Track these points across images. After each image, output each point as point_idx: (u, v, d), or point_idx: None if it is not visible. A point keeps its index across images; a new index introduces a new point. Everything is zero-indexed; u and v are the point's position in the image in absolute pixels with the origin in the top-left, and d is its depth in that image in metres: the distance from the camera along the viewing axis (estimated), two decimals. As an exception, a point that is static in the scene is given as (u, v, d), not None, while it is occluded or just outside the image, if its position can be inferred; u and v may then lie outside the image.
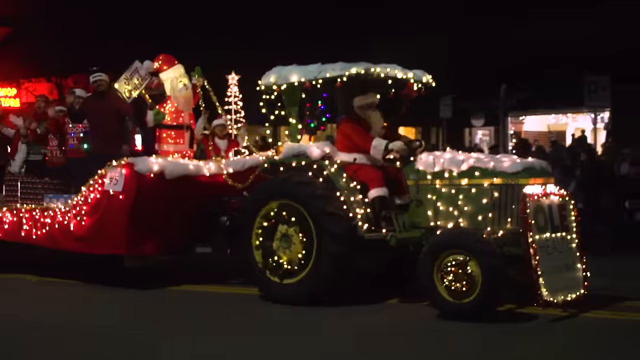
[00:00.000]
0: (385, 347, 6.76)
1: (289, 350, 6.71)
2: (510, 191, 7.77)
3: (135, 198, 9.32)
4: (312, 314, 8.07)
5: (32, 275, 10.81)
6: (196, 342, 7.00)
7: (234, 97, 11.71)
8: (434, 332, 7.26)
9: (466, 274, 7.35)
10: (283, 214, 8.55)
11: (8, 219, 11.01)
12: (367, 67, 8.48)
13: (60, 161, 11.46)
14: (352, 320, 7.87)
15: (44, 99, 12.44)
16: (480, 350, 6.62)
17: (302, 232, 8.41)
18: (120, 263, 10.35)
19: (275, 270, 8.59)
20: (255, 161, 10.53)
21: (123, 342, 7.01)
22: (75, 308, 8.79)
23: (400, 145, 8.49)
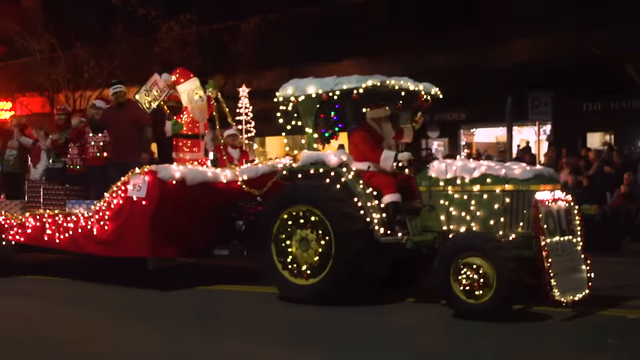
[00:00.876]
0: (404, 346, 6.57)
1: (314, 348, 6.49)
2: (521, 197, 7.59)
3: (157, 204, 9.08)
4: (332, 313, 7.85)
5: (59, 277, 10.53)
6: (222, 340, 6.81)
7: (245, 108, 11.48)
8: (452, 330, 7.07)
9: (481, 275, 7.16)
10: (301, 218, 8.33)
11: (31, 224, 10.71)
12: (382, 79, 8.30)
13: (80, 169, 11.15)
14: (371, 318, 7.68)
15: (64, 112, 12.11)
16: (499, 349, 6.42)
17: (319, 236, 8.19)
18: (139, 266, 10.05)
19: (295, 272, 8.37)
20: (267, 168, 10.39)
21: (152, 341, 6.75)
22: (105, 309, 8.55)
23: (408, 156, 8.33)
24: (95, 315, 8.24)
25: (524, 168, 7.77)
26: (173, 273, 10.14)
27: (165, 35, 21.48)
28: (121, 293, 9.34)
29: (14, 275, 10.86)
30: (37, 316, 8.21)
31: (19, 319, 8.01)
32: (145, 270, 9.42)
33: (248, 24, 21.14)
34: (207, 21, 21.21)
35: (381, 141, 8.72)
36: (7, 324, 7.78)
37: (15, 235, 10.88)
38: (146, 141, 10.36)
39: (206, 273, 10.47)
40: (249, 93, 11.96)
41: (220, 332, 7.22)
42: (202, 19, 20.96)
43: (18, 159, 12.59)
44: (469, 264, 7.22)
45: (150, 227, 9.07)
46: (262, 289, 9.09)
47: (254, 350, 6.50)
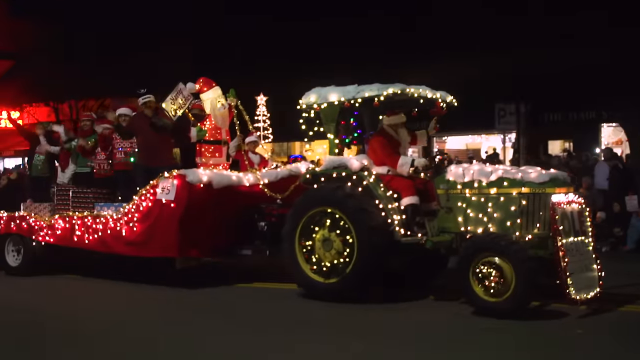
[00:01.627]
0: (426, 341, 6.43)
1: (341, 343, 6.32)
2: (537, 199, 7.45)
3: (185, 206, 8.91)
4: (355, 310, 7.69)
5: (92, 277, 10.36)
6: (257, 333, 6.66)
7: (263, 115, 11.40)
8: (473, 327, 6.89)
9: (501, 274, 7.01)
10: (325, 219, 8.18)
11: (60, 226, 10.54)
12: (402, 87, 8.16)
13: (107, 173, 10.98)
14: (394, 316, 7.51)
15: (89, 118, 11.94)
16: (518, 346, 6.27)
17: (342, 236, 8.04)
18: (163, 265, 9.88)
19: (318, 271, 8.21)
20: (286, 172, 10.26)
21: (186, 338, 6.58)
22: (136, 305, 8.40)
23: (424, 162, 8.22)
24: (140, 312, 8.09)
25: (540, 172, 7.62)
26: (200, 272, 9.98)
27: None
28: (155, 292, 9.16)
29: (43, 274, 10.70)
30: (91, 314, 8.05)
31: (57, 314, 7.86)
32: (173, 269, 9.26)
33: None
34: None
35: (398, 146, 8.60)
36: (42, 317, 7.65)
37: (45, 236, 10.71)
38: (158, 120, 10.15)
39: (227, 271, 10.33)
40: (266, 101, 11.98)
41: (256, 326, 7.10)
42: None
43: (46, 163, 12.39)
44: (488, 263, 7.08)
45: (178, 228, 8.91)
46: (285, 286, 8.93)
47: (291, 341, 6.37)
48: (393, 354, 6.05)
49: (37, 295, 9.39)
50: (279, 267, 8.98)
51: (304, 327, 7.09)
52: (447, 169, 8.14)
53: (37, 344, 6.59)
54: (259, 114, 11.34)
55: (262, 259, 9.75)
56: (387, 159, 8.35)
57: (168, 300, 8.60)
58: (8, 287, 10.22)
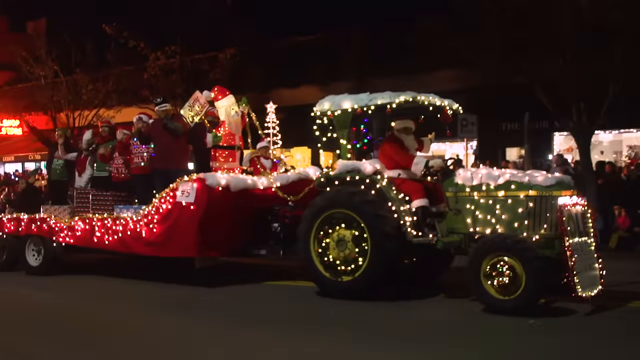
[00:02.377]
0: (438, 338, 6.27)
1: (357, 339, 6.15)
2: (544, 202, 7.31)
3: (205, 208, 8.72)
4: (368, 308, 7.51)
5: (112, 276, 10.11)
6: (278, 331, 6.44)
7: (272, 122, 11.30)
8: (484, 324, 6.74)
9: (511, 273, 6.87)
10: (339, 221, 8.01)
11: (80, 227, 10.32)
12: (413, 95, 8.02)
13: (125, 177, 10.75)
14: (406, 313, 7.36)
15: (108, 124, 11.71)
16: (533, 341, 6.11)
17: (356, 237, 7.88)
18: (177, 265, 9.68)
19: (332, 270, 8.04)
20: (296, 176, 10.11)
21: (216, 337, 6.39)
22: (160, 304, 8.15)
23: (440, 163, 8.05)
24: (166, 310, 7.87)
25: (546, 175, 7.50)
26: (217, 271, 9.78)
27: (153, 64, 22.15)
28: (177, 290, 8.96)
29: (63, 274, 10.47)
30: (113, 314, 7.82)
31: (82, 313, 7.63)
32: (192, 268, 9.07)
33: (224, 54, 21.93)
34: (189, 52, 22.16)
35: (407, 151, 8.45)
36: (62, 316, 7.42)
37: (66, 237, 10.49)
38: (172, 123, 9.96)
39: (243, 270, 10.14)
40: (275, 109, 11.94)
41: (272, 322, 6.91)
42: (184, 50, 21.91)
43: (64, 168, 12.15)
44: (499, 262, 6.94)
45: (197, 229, 8.73)
46: (300, 284, 8.78)
47: (304, 336, 6.18)
48: (409, 351, 5.86)
49: (59, 294, 9.17)
50: (292, 266, 8.80)
51: (317, 324, 6.91)
52: (456, 173, 8.00)
53: (58, 340, 6.39)
54: (269, 121, 11.19)
55: (275, 259, 9.55)
56: (402, 159, 8.20)
57: (186, 299, 8.40)
58: (31, 286, 9.98)
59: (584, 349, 5.81)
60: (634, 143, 19.09)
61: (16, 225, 11.33)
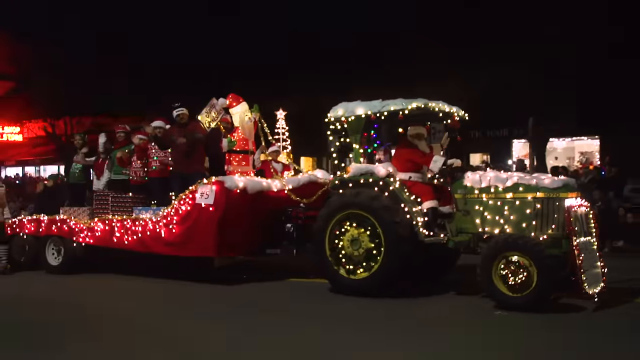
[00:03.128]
0: (456, 329, 6.11)
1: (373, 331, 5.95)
2: (552, 203, 7.16)
3: (224, 209, 8.49)
4: (383, 304, 7.32)
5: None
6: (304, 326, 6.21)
7: (282, 128, 11.15)
8: (494, 320, 6.57)
9: (523, 271, 6.70)
10: (353, 221, 7.82)
11: (100, 228, 10.03)
12: (425, 102, 7.84)
13: (143, 180, 10.48)
14: (418, 310, 7.14)
15: (124, 130, 11.42)
16: (544, 336, 5.94)
17: (370, 236, 7.69)
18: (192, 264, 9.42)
19: (346, 268, 7.84)
20: (307, 178, 9.92)
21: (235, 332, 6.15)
22: (174, 302, 7.89)
23: (459, 162, 7.91)
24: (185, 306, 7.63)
25: (552, 178, 7.34)
26: (235, 269, 9.54)
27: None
28: (188, 288, 8.72)
29: (84, 273, 10.17)
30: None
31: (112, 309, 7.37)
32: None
33: None
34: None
35: (421, 155, 8.26)
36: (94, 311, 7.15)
37: (85, 237, 10.20)
38: (191, 137, 9.70)
39: (258, 269, 9.90)
40: (285, 116, 11.82)
41: (289, 318, 6.68)
42: None
43: (82, 172, 11.85)
44: (511, 261, 6.78)
45: (216, 230, 8.49)
46: (314, 281, 8.56)
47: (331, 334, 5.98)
48: (427, 344, 5.69)
49: (81, 292, 8.88)
50: (305, 265, 8.58)
51: (333, 319, 6.70)
52: (465, 176, 7.83)
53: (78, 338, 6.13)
54: (279, 127, 11.03)
55: (289, 258, 9.31)
56: (421, 159, 8.03)
57: (209, 296, 8.16)
58: (54, 285, 9.68)
59: (594, 345, 5.66)
60: (585, 150, 19.52)
61: (36, 226, 11.01)
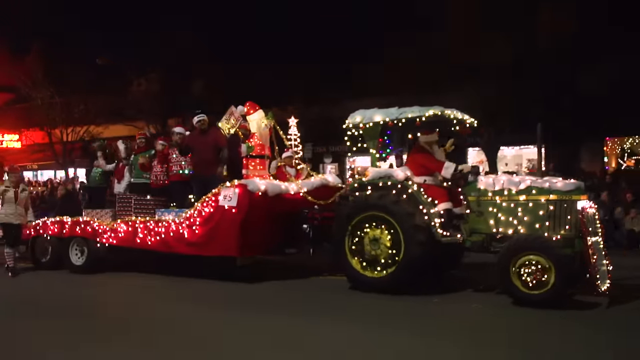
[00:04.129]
0: (479, 326, 5.76)
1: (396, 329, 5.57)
2: (564, 205, 6.86)
3: (246, 211, 8.06)
4: (403, 302, 6.94)
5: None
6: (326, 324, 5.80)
7: (294, 135, 10.80)
8: (517, 317, 6.23)
9: (541, 270, 6.38)
10: (373, 222, 7.45)
11: (123, 229, 9.53)
12: (441, 109, 7.50)
13: (163, 183, 10.02)
14: (438, 308, 6.78)
15: (144, 136, 10.96)
16: (561, 332, 5.63)
17: (389, 237, 7.32)
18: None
19: (366, 267, 7.47)
20: (319, 181, 9.53)
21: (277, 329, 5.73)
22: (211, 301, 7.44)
23: (469, 167, 7.59)
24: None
25: (565, 182, 7.03)
26: (255, 269, 9.08)
27: (136, 88, 22.24)
28: (227, 287, 8.26)
29: (107, 272, 9.66)
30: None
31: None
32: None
33: (197, 83, 21.85)
34: (169, 78, 22.05)
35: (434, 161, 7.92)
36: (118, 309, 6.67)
37: (109, 238, 9.68)
38: (223, 159, 9.33)
39: (277, 267, 9.47)
40: (297, 123, 11.42)
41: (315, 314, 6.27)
42: (163, 77, 21.87)
43: (103, 175, 11.34)
44: (529, 260, 6.44)
45: (239, 231, 8.05)
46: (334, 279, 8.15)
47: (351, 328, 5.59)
48: (449, 341, 5.33)
49: (108, 290, 8.39)
50: (320, 263, 8.17)
51: (354, 315, 6.35)
52: (478, 179, 7.50)
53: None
54: (291, 134, 10.69)
55: (306, 257, 8.90)
56: (433, 165, 7.69)
57: (234, 294, 7.73)
58: (78, 283, 9.16)
59: (611, 340, 5.36)
60: (532, 157, 19.62)
61: (60, 228, 10.46)
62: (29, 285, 8.99)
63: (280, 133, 10.09)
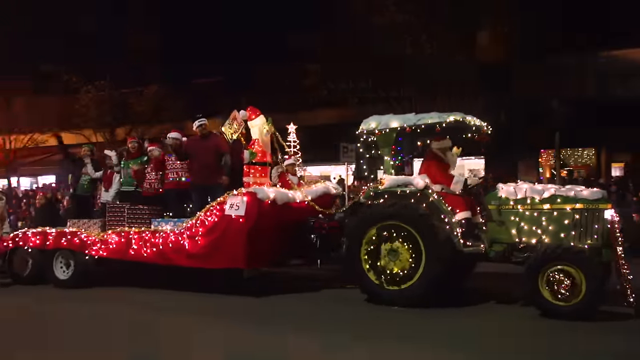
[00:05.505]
0: (506, 338, 5.60)
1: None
2: (591, 214, 6.75)
3: (255, 221, 7.72)
4: (424, 315, 6.72)
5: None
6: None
7: (293, 142, 10.50)
8: (548, 329, 6.07)
9: (571, 281, 6.23)
10: (390, 232, 7.21)
11: (114, 240, 9.03)
12: (462, 116, 7.34)
13: (157, 191, 9.55)
14: (462, 321, 6.55)
15: (136, 141, 10.45)
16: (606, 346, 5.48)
17: (410, 248, 7.09)
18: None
19: (384, 278, 7.21)
20: (322, 190, 9.29)
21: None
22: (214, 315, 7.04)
23: (477, 180, 7.45)
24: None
25: (590, 190, 6.94)
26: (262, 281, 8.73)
27: (84, 96, 22.04)
28: (233, 300, 7.86)
29: (95, 287, 9.12)
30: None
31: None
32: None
33: (149, 90, 22.16)
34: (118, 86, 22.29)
35: (447, 168, 7.78)
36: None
37: (99, 250, 9.16)
38: (226, 167, 8.94)
39: (281, 279, 9.11)
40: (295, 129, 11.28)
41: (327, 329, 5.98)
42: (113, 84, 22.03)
43: (91, 183, 10.80)
44: (560, 271, 6.29)
45: (247, 241, 7.69)
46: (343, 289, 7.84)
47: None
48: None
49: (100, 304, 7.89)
50: (327, 274, 7.87)
51: (372, 329, 6.12)
52: (498, 187, 7.36)
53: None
54: (290, 140, 10.39)
55: (315, 268, 8.61)
56: (442, 178, 7.52)
57: (241, 309, 7.35)
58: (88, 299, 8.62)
59: None
60: (473, 167, 20.31)
61: (42, 239, 9.85)
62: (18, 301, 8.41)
63: (280, 139, 9.80)
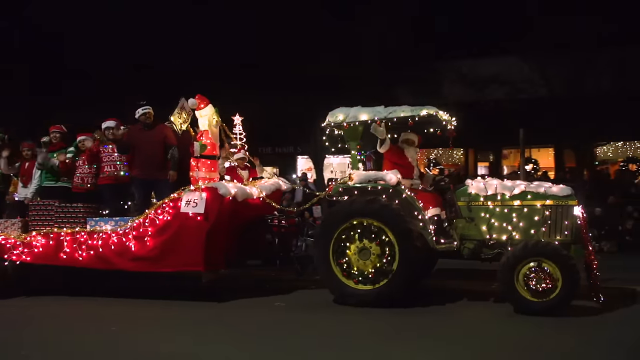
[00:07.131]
0: (484, 335, 5.61)
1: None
2: (561, 210, 6.93)
3: (215, 219, 7.20)
4: (396, 315, 6.58)
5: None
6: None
7: (239, 133, 9.87)
8: (517, 324, 6.15)
9: (548, 277, 6.36)
10: (360, 230, 7.02)
11: (40, 243, 8.10)
12: (435, 110, 7.24)
13: (89, 187, 8.67)
14: (441, 318, 6.49)
15: (60, 130, 9.39)
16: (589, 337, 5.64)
17: (381, 246, 6.93)
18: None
19: (354, 279, 7.01)
20: (275, 185, 8.93)
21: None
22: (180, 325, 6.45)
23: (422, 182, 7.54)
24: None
25: (560, 187, 7.10)
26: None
27: None
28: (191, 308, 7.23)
29: (17, 297, 8.12)
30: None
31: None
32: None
33: None
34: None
35: (407, 160, 7.72)
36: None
37: (21, 255, 8.16)
38: (174, 160, 8.27)
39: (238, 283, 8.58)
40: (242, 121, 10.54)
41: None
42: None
43: (2, 179, 9.61)
44: (536, 267, 6.40)
45: (205, 241, 7.16)
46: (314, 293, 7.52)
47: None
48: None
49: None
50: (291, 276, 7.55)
51: (353, 330, 5.88)
52: (469, 183, 7.38)
53: None
54: (236, 132, 9.78)
55: (272, 269, 8.22)
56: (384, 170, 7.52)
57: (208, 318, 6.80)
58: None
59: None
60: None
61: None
62: None
63: (227, 131, 9.26)
